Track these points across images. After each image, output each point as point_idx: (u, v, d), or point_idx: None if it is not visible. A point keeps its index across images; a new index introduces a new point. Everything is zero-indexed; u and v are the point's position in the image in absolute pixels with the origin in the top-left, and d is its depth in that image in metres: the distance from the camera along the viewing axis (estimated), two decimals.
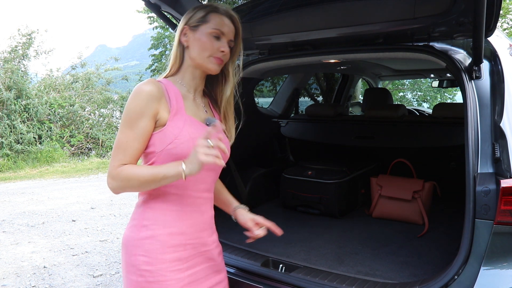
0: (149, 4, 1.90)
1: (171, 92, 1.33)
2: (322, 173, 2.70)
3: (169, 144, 1.28)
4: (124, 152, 1.27)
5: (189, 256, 1.37)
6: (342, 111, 3.52)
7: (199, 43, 1.35)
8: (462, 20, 1.68)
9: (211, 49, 1.35)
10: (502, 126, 1.50)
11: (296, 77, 3.61)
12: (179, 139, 1.29)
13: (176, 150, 1.28)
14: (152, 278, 1.30)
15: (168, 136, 1.29)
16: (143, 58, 79.92)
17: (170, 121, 1.30)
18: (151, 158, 1.32)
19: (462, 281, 1.40)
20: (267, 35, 2.16)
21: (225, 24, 1.37)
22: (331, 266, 1.89)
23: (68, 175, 8.25)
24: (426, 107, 11.63)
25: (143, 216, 1.34)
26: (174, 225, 1.34)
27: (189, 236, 1.37)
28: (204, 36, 1.35)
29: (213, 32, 1.35)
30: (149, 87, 1.28)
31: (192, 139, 1.30)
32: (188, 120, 1.34)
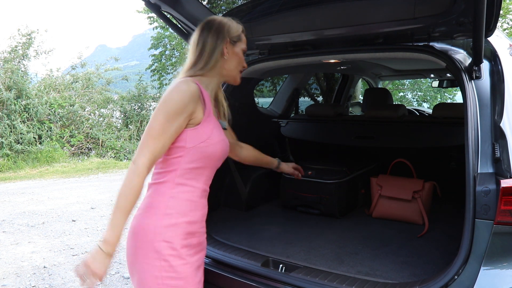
0: (149, 4, 1.90)
1: (204, 94, 1.47)
2: (322, 173, 2.69)
3: (202, 142, 1.43)
4: (157, 142, 1.36)
5: (196, 244, 1.51)
6: (342, 111, 3.52)
7: (237, 58, 1.55)
8: (462, 20, 1.68)
9: (241, 63, 1.58)
10: (502, 126, 1.50)
11: (296, 77, 3.61)
12: (211, 139, 1.45)
13: (207, 149, 1.44)
14: (175, 262, 1.42)
15: (201, 135, 1.43)
16: (143, 58, 79.91)
17: (204, 122, 1.44)
18: (179, 152, 1.43)
19: (462, 281, 1.40)
20: (267, 35, 2.16)
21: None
22: (331, 266, 1.89)
23: (68, 175, 8.25)
24: (426, 107, 11.62)
25: (166, 205, 1.43)
26: (191, 214, 1.47)
27: (199, 225, 1.52)
28: (240, 52, 1.56)
29: (244, 50, 1.58)
30: (193, 87, 1.41)
31: (220, 141, 1.49)
32: (216, 123, 1.51)
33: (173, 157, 1.43)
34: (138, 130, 11.55)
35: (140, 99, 12.12)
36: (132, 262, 1.49)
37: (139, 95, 12.13)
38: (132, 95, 12.12)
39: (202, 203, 1.53)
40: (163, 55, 11.66)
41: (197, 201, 1.49)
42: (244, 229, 2.40)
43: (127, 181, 1.34)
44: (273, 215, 2.71)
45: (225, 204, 2.75)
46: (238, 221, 2.53)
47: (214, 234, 2.20)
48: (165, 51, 11.64)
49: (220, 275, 1.84)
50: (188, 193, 1.46)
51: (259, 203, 2.88)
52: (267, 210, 2.82)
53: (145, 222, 1.44)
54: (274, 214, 2.73)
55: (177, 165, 1.44)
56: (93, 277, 1.32)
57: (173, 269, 1.42)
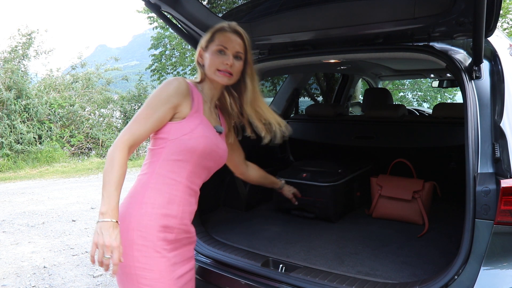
0: (149, 4, 1.90)
1: (195, 94, 1.54)
2: (317, 175, 2.58)
3: (184, 135, 1.47)
4: (138, 127, 1.42)
5: (174, 240, 1.50)
6: (342, 111, 3.52)
7: (207, 61, 1.56)
8: (462, 20, 1.68)
9: (216, 63, 1.53)
10: (502, 126, 1.50)
11: (296, 77, 3.61)
12: (194, 133, 1.48)
13: (188, 142, 1.47)
14: (148, 253, 1.42)
15: (185, 128, 1.48)
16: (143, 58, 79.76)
17: (190, 117, 1.49)
18: (162, 143, 1.48)
19: (462, 281, 1.40)
20: (267, 35, 2.17)
21: (229, 40, 1.55)
22: (331, 266, 1.89)
23: (68, 175, 8.25)
24: (426, 107, 11.63)
25: (145, 194, 1.47)
26: (168, 207, 1.48)
27: (178, 221, 1.51)
28: (211, 53, 1.55)
29: (217, 49, 1.54)
30: (179, 82, 1.49)
31: (204, 137, 1.50)
32: (204, 121, 1.54)
33: (156, 148, 1.49)
34: None
35: (140, 99, 12.13)
36: None
37: (139, 95, 12.14)
38: (132, 95, 12.12)
39: (185, 200, 1.52)
40: (163, 55, 11.65)
41: (178, 195, 1.49)
42: (244, 229, 2.40)
43: (109, 157, 1.38)
44: (273, 215, 2.70)
45: (225, 204, 2.75)
46: (238, 221, 2.53)
47: (214, 234, 2.20)
48: (165, 51, 11.62)
49: (220, 275, 1.84)
50: (168, 186, 1.47)
51: (259, 203, 2.88)
52: (267, 210, 2.81)
53: (124, 210, 1.46)
54: (274, 214, 2.73)
55: (159, 156, 1.48)
56: (110, 251, 1.27)
57: (146, 260, 1.42)
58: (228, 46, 1.54)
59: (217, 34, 1.56)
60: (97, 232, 1.29)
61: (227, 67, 1.53)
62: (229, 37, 1.55)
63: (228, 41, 1.54)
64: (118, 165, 1.36)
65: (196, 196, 1.59)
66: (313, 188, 2.53)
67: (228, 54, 1.54)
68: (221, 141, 1.63)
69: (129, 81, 13.08)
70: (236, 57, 1.56)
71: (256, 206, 2.84)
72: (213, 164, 1.59)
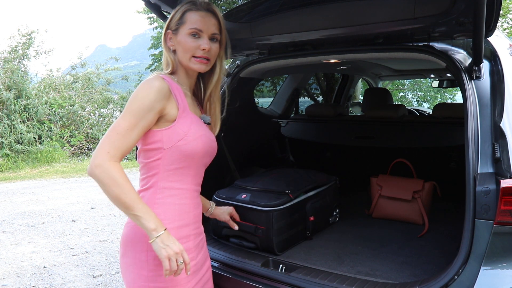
0: (149, 4, 1.90)
1: (175, 90, 1.36)
2: (258, 197, 2.06)
3: (180, 141, 1.32)
4: (121, 140, 1.25)
5: (193, 247, 1.44)
6: (342, 111, 3.52)
7: (180, 46, 1.37)
8: (462, 20, 1.68)
9: (192, 49, 1.36)
10: (502, 126, 1.50)
11: (296, 77, 3.61)
12: (189, 136, 1.34)
13: (186, 147, 1.33)
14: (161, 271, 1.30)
15: (178, 132, 1.33)
16: (143, 58, 79.74)
17: (180, 118, 1.34)
18: (156, 154, 1.33)
19: (462, 281, 1.40)
20: (267, 35, 2.16)
21: (203, 21, 1.36)
22: (331, 266, 1.89)
23: (68, 175, 8.25)
24: (426, 107, 11.63)
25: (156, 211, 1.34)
26: (180, 218, 1.39)
27: (192, 226, 1.44)
28: (183, 37, 1.36)
29: (190, 32, 1.36)
30: (159, 83, 1.30)
31: (199, 136, 1.37)
32: (194, 118, 1.39)
33: (152, 161, 1.35)
34: None
35: None
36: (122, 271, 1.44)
37: None
38: None
39: (194, 204, 1.44)
40: (163, 55, 11.67)
41: (187, 203, 1.41)
42: None
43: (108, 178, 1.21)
44: None
45: None
46: None
47: (214, 234, 2.20)
48: None
49: (220, 275, 1.84)
50: (175, 197, 1.37)
51: None
52: None
53: (130, 231, 1.38)
54: None
55: (158, 168, 1.34)
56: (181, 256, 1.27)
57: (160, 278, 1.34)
58: (202, 28, 1.36)
59: (188, 14, 1.37)
60: (161, 247, 1.24)
61: (204, 53, 1.36)
62: (203, 17, 1.36)
63: (202, 22, 1.35)
64: (125, 181, 1.24)
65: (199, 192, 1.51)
66: (253, 213, 2.03)
67: (204, 37, 1.36)
68: (210, 132, 1.49)
69: (129, 81, 13.08)
70: (212, 39, 1.39)
71: None
72: (210, 159, 1.48)
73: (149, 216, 1.25)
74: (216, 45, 1.41)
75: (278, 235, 2.02)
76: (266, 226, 1.99)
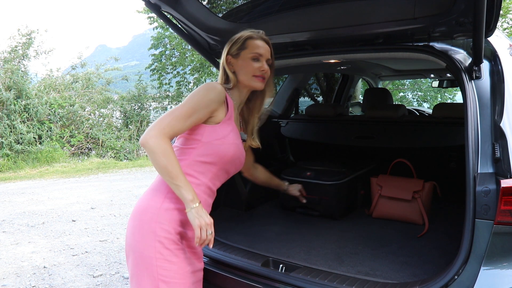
0: (149, 4, 1.90)
1: (228, 100, 1.61)
2: (321, 174, 2.66)
3: (217, 140, 1.54)
4: (178, 123, 1.46)
5: (190, 238, 1.56)
6: (342, 111, 3.52)
7: (243, 67, 1.63)
8: (462, 20, 1.68)
9: (253, 70, 1.62)
10: (502, 126, 1.50)
11: (296, 77, 3.61)
12: (226, 140, 1.56)
13: (220, 147, 1.54)
14: (170, 245, 1.49)
15: (218, 133, 1.55)
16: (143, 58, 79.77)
17: (224, 123, 1.57)
18: (193, 144, 1.55)
19: (462, 281, 1.40)
20: (267, 35, 2.16)
21: (260, 47, 1.64)
22: (331, 266, 1.89)
23: (68, 175, 8.25)
24: (426, 107, 11.63)
25: (168, 189, 1.51)
26: None
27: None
28: (246, 60, 1.63)
29: (252, 56, 1.63)
30: (221, 89, 1.55)
31: (234, 144, 1.59)
32: (235, 128, 1.63)
33: (188, 147, 1.55)
34: (138, 130, 11.56)
35: (140, 99, 12.13)
36: (130, 243, 1.55)
37: (139, 95, 12.14)
38: (132, 95, 12.12)
39: (204, 200, 1.58)
40: (163, 55, 11.65)
41: (199, 194, 1.54)
42: (244, 229, 2.40)
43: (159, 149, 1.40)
44: (273, 215, 2.70)
45: (225, 204, 2.75)
46: (238, 221, 2.53)
47: (214, 234, 2.19)
48: (165, 51, 11.63)
49: (220, 275, 1.84)
50: (192, 184, 1.51)
51: (259, 203, 2.88)
52: (267, 210, 2.81)
53: (147, 203, 1.54)
54: (274, 214, 2.73)
55: (189, 155, 1.55)
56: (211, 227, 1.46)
57: (167, 251, 1.48)
58: (262, 53, 1.63)
59: (249, 42, 1.64)
60: (196, 217, 1.43)
61: (263, 73, 1.63)
62: (260, 45, 1.64)
63: (260, 48, 1.64)
64: (174, 155, 1.43)
65: (213, 197, 1.67)
66: (318, 187, 2.58)
67: (262, 61, 1.64)
68: (243, 148, 1.70)
69: (129, 81, 13.07)
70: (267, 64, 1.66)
71: (256, 206, 2.84)
72: (234, 169, 1.68)
73: (189, 188, 1.44)
74: (269, 68, 1.67)
75: (338, 204, 2.59)
76: (329, 197, 2.56)
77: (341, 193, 2.62)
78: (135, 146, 11.01)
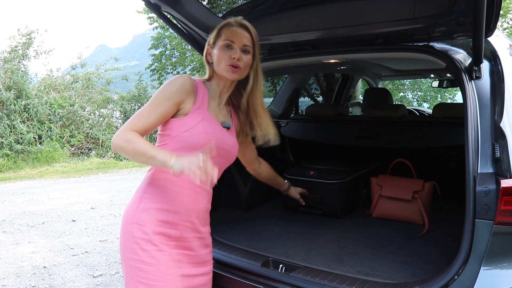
0: (149, 4, 1.90)
1: (200, 90, 1.55)
2: (324, 173, 2.68)
3: (185, 132, 1.47)
4: (140, 120, 1.44)
5: (180, 237, 1.51)
6: (342, 111, 3.52)
7: (215, 57, 1.55)
8: (462, 20, 1.68)
9: (224, 58, 1.52)
10: (502, 126, 1.50)
11: (296, 77, 3.61)
12: (195, 130, 1.47)
13: (189, 138, 1.47)
14: (146, 246, 1.44)
15: (186, 124, 1.48)
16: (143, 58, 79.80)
17: (192, 113, 1.50)
18: (165, 139, 1.51)
19: (462, 281, 1.40)
20: (267, 35, 2.16)
21: (234, 34, 1.53)
22: (331, 266, 1.89)
23: (68, 175, 8.25)
24: (426, 107, 11.62)
25: (145, 190, 1.51)
26: (168, 203, 1.49)
27: (182, 217, 1.51)
28: (219, 49, 1.54)
29: (224, 44, 1.53)
30: (184, 79, 1.50)
31: (205, 132, 1.50)
32: (207, 116, 1.53)
33: (161, 144, 1.51)
34: None
35: (140, 99, 12.14)
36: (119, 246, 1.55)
37: (139, 95, 12.15)
38: (132, 95, 12.13)
39: (189, 196, 1.51)
40: (163, 55, 11.65)
41: (179, 191, 1.49)
42: (244, 229, 2.40)
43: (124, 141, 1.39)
44: (273, 215, 2.71)
45: (225, 204, 2.75)
46: (238, 221, 2.53)
47: (214, 234, 2.19)
48: (165, 51, 11.63)
49: (220, 275, 1.84)
50: (169, 181, 1.49)
51: (259, 203, 2.88)
52: (267, 210, 2.81)
53: (128, 205, 1.53)
54: (274, 214, 2.73)
55: None
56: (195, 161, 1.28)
57: (143, 253, 1.44)
58: (234, 40, 1.52)
59: (223, 29, 1.55)
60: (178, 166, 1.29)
61: (234, 61, 1.51)
62: (236, 31, 1.53)
63: (234, 35, 1.53)
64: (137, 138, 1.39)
65: (206, 193, 1.58)
66: (321, 186, 2.61)
67: (235, 48, 1.52)
68: (229, 136, 1.60)
69: (129, 81, 13.08)
70: (244, 51, 1.54)
71: (256, 206, 2.84)
72: (220, 160, 1.56)
73: (161, 152, 1.38)
74: (248, 56, 1.54)
75: (342, 202, 2.61)
76: (332, 195, 2.59)
77: (344, 191, 2.64)
78: None
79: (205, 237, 1.61)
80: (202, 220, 1.58)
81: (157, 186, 1.50)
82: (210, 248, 1.67)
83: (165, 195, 1.49)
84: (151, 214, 1.47)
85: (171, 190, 1.50)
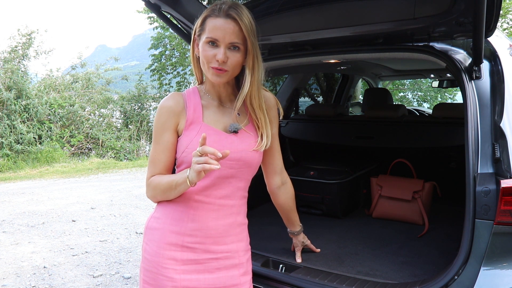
0: (149, 4, 1.90)
1: (190, 103, 1.36)
2: (324, 173, 2.69)
3: (182, 153, 1.34)
4: (154, 165, 1.39)
5: (187, 260, 1.34)
6: (342, 111, 3.52)
7: (200, 55, 1.31)
8: (462, 20, 1.68)
9: (207, 58, 1.27)
10: (502, 126, 1.50)
11: (296, 77, 3.61)
12: (189, 148, 1.31)
13: (187, 158, 1.32)
14: (149, 266, 1.39)
15: (182, 145, 1.35)
16: (143, 58, 79.82)
17: (185, 131, 1.35)
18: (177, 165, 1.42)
19: (462, 281, 1.40)
20: (267, 35, 2.16)
21: (219, 28, 1.24)
22: (331, 266, 1.89)
23: (68, 175, 8.25)
24: (426, 107, 11.62)
25: (158, 209, 1.44)
26: (177, 224, 1.36)
27: (191, 239, 1.34)
28: (202, 45, 1.29)
29: (207, 41, 1.26)
30: (168, 103, 1.36)
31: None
32: (203, 129, 1.33)
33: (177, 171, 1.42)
34: (138, 130, 11.56)
35: (140, 99, 12.14)
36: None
37: (139, 95, 12.14)
38: (132, 95, 12.13)
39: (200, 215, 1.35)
40: (163, 55, 11.65)
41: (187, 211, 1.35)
42: None
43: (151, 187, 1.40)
44: (273, 215, 2.69)
45: None
46: None
47: None
48: (165, 51, 11.63)
49: None
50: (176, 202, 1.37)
51: (259, 203, 2.88)
52: (267, 209, 2.81)
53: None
54: (274, 214, 2.71)
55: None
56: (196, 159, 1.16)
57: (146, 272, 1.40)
58: (218, 38, 1.24)
59: (207, 21, 1.27)
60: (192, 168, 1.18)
61: (218, 64, 1.25)
62: (221, 26, 1.24)
63: (219, 30, 1.24)
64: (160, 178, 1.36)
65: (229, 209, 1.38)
66: (321, 186, 2.64)
67: (220, 46, 1.25)
68: (237, 141, 1.35)
69: (129, 81, 13.08)
70: (231, 48, 1.26)
71: (257, 206, 2.84)
72: (231, 171, 1.35)
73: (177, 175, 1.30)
74: (236, 54, 1.27)
75: (341, 202, 2.62)
76: (332, 195, 2.59)
77: (344, 192, 2.65)
78: (135, 146, 11.02)
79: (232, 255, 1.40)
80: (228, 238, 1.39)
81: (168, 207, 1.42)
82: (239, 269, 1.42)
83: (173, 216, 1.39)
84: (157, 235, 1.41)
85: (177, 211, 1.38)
